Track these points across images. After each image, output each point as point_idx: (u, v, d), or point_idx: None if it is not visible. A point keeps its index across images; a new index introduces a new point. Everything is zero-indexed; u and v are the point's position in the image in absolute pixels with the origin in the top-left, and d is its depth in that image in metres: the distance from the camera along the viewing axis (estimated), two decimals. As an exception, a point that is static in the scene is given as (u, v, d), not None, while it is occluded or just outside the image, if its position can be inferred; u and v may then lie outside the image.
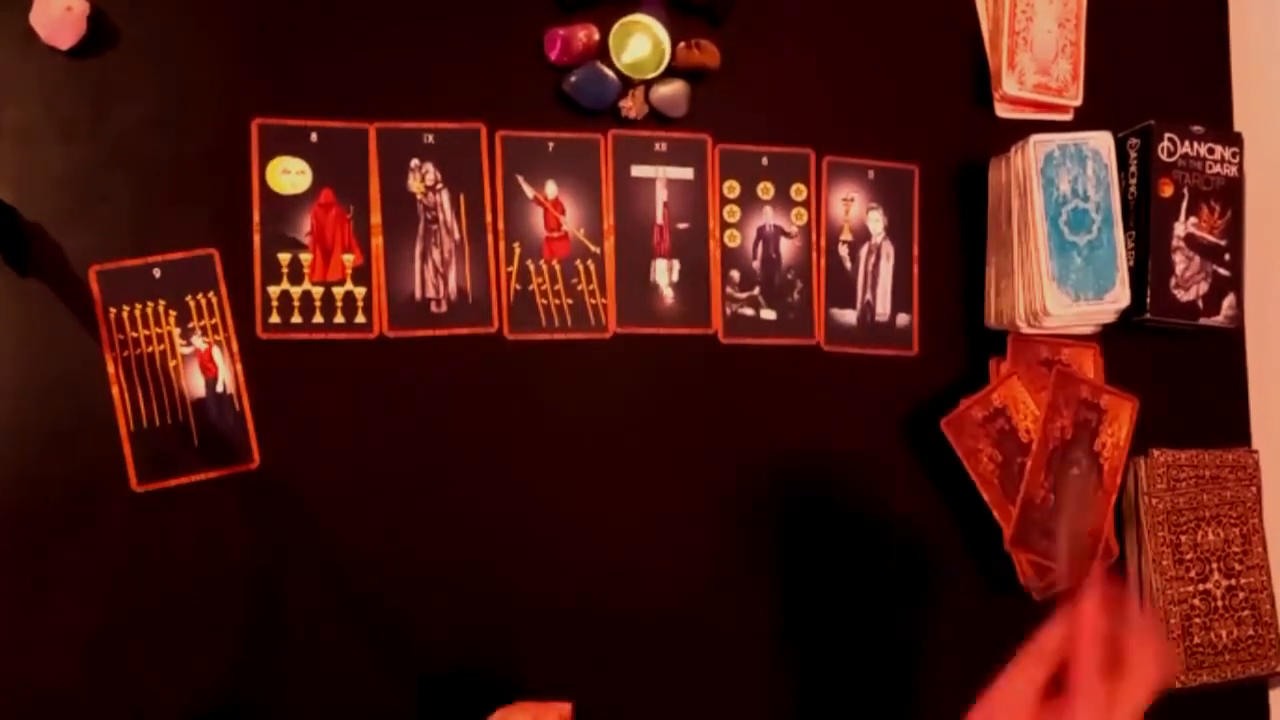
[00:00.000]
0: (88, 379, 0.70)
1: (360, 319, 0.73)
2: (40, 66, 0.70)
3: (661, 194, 0.77)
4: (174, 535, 0.70)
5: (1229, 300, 0.82)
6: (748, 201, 0.78)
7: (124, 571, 0.69)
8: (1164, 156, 0.80)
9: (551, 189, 0.75)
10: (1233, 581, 0.83)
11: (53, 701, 0.68)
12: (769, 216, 0.78)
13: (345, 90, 0.74)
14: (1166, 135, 0.80)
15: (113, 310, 0.71)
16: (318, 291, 0.73)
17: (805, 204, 0.79)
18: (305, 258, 0.72)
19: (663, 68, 0.76)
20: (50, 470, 0.69)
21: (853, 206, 0.80)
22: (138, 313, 0.71)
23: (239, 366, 0.72)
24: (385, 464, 0.73)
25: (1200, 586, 0.82)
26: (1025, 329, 0.78)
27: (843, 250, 0.80)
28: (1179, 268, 0.80)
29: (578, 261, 0.76)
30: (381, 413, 0.73)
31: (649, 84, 0.77)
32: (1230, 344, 0.88)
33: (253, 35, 0.73)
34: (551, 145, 0.75)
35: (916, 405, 0.81)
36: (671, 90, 0.77)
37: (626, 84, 0.76)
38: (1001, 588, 0.79)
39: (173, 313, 0.71)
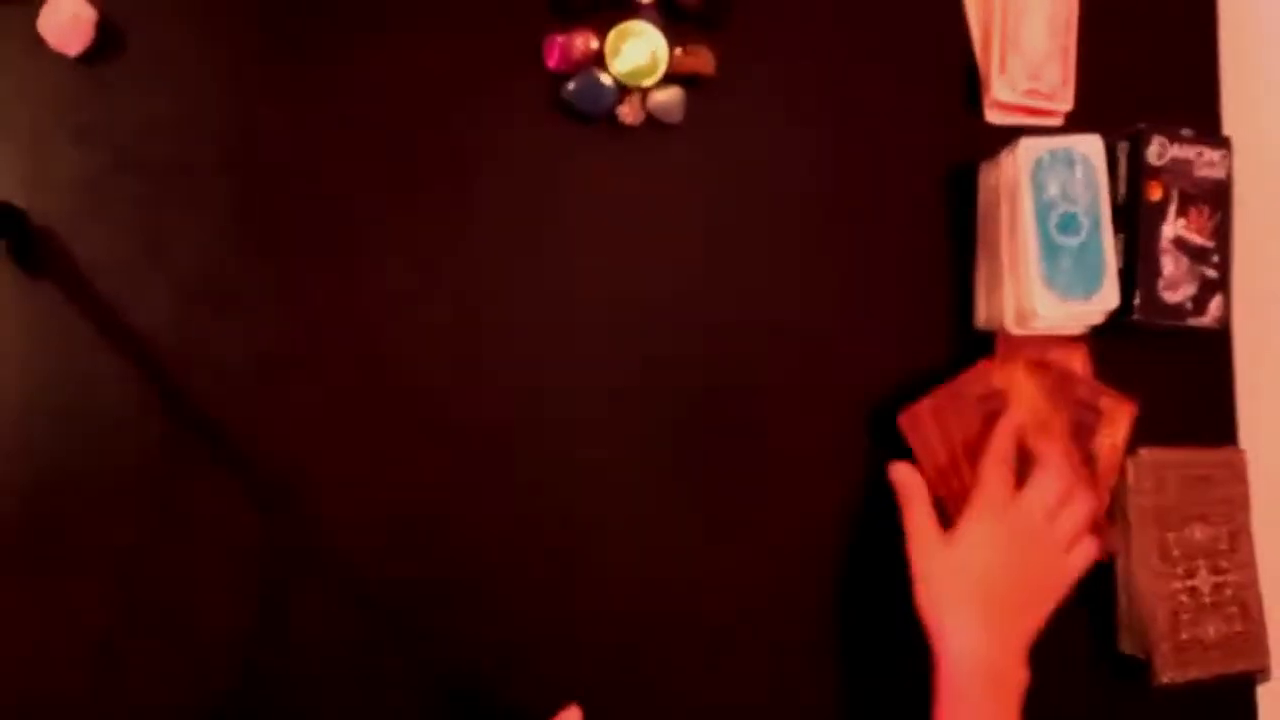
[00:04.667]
0: (98, 381, 0.70)
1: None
2: (50, 72, 0.71)
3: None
4: (179, 536, 0.71)
5: (1217, 301, 0.82)
6: None
7: (130, 572, 0.70)
8: (1153, 160, 0.80)
9: None
10: (1220, 578, 0.83)
11: (58, 703, 0.69)
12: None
13: (345, 97, 0.75)
14: (1156, 138, 0.81)
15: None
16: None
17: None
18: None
19: (660, 74, 0.77)
20: (60, 472, 0.70)
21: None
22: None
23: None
24: (387, 464, 0.74)
25: (1188, 583, 0.82)
26: (1014, 330, 0.79)
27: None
28: (1167, 270, 0.81)
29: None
30: (383, 412, 0.74)
31: (646, 91, 0.78)
32: (1218, 345, 0.88)
33: (256, 41, 0.74)
34: None
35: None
36: (667, 97, 0.78)
37: (624, 91, 0.77)
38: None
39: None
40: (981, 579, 0.68)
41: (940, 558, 0.69)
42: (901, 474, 0.74)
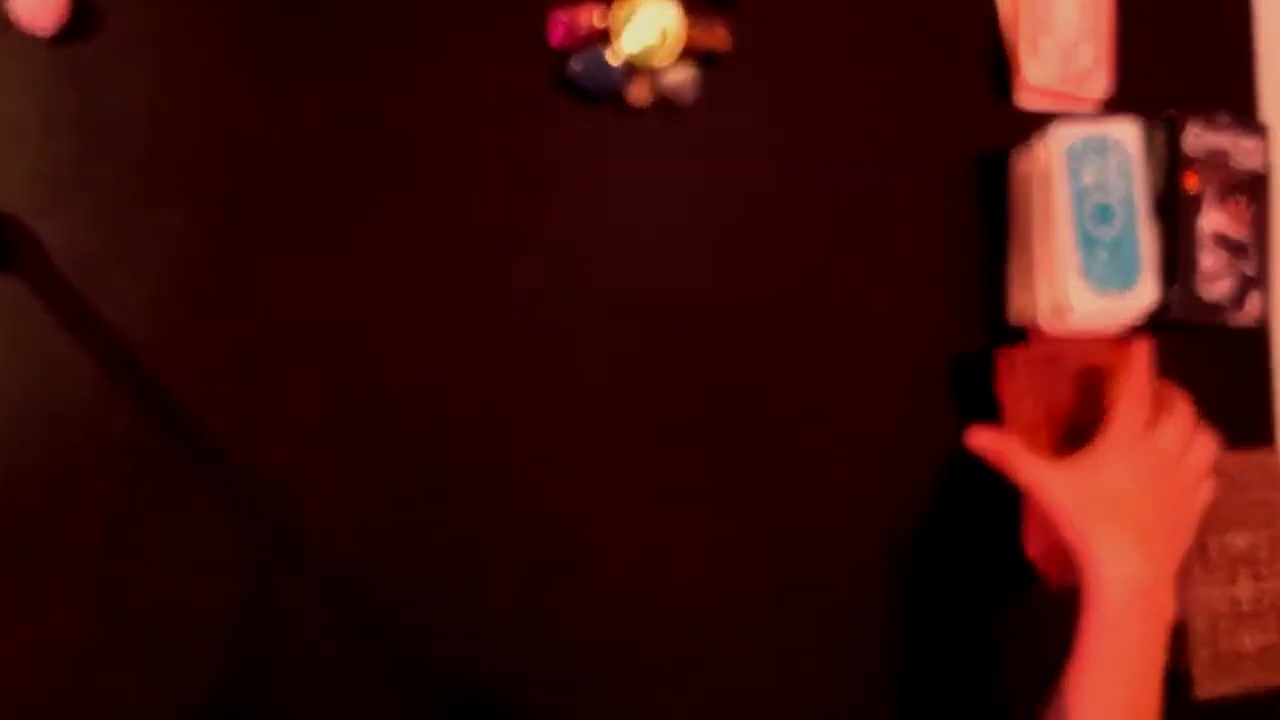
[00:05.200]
0: (68, 376, 0.68)
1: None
2: (22, 54, 0.68)
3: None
4: (166, 539, 0.68)
5: (1255, 298, 0.79)
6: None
7: (113, 575, 0.68)
8: (1189, 149, 0.78)
9: None
10: (1260, 586, 0.81)
11: (41, 710, 0.67)
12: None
13: (335, 79, 0.72)
14: (1191, 127, 0.78)
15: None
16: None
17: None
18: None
19: (671, 52, 0.73)
20: (31, 472, 0.67)
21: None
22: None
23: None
24: (381, 462, 0.72)
25: (1229, 590, 0.80)
26: (1049, 327, 0.76)
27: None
28: (1204, 264, 0.78)
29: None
30: (376, 409, 0.72)
31: (656, 70, 0.74)
32: (1255, 343, 0.86)
33: (242, 24, 0.71)
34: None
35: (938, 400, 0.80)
36: (679, 76, 0.74)
37: (633, 70, 0.74)
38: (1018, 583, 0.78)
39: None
40: (1127, 504, 0.67)
41: (1075, 486, 0.68)
42: (984, 436, 0.73)
